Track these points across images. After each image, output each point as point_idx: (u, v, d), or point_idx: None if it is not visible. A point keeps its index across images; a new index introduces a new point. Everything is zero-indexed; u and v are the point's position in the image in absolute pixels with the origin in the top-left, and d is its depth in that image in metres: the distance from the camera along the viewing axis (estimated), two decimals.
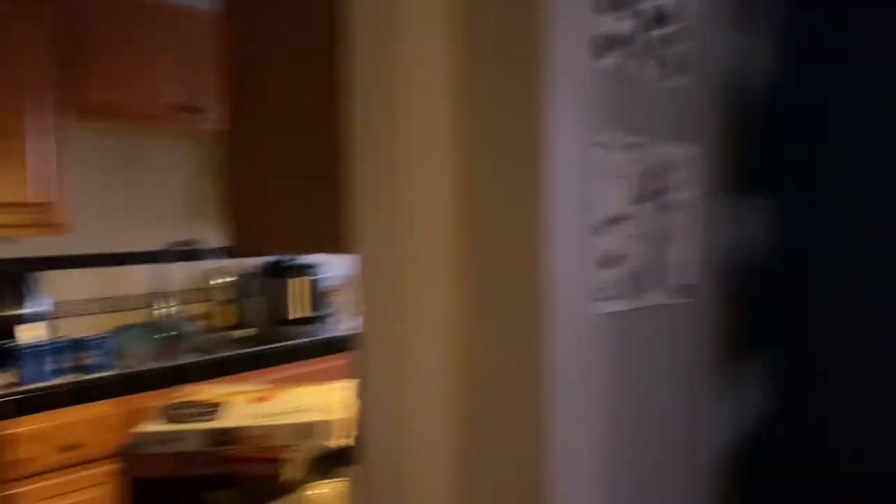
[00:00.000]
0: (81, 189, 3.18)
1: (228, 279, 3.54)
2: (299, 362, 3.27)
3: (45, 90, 2.77)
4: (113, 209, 3.34)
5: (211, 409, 1.74)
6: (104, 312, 3.29)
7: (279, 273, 3.82)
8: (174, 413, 1.68)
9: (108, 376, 2.70)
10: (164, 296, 3.45)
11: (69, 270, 3.18)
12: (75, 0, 2.84)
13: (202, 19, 3.20)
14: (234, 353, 3.18)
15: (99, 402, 2.62)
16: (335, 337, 3.47)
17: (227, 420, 1.62)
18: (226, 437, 1.53)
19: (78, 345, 2.72)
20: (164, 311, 3.43)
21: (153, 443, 1.55)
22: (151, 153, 3.47)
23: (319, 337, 3.47)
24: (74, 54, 2.85)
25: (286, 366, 3.21)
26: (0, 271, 2.80)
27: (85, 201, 3.21)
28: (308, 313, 3.73)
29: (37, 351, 2.57)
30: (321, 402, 1.74)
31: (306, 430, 1.56)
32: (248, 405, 1.72)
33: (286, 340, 3.42)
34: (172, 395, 1.81)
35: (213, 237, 3.65)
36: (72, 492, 2.53)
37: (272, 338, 3.52)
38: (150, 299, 3.44)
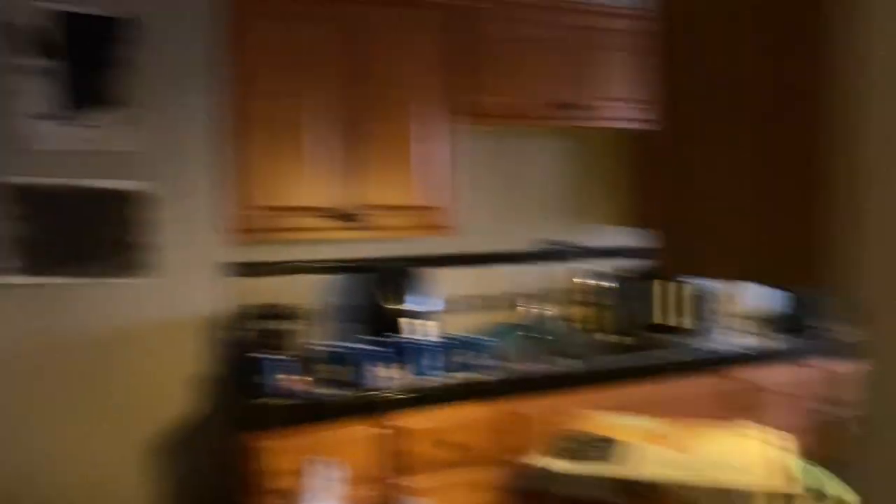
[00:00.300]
0: (466, 190, 3.26)
1: (597, 281, 3.38)
2: (674, 378, 2.98)
3: (434, 95, 2.86)
4: (494, 209, 3.39)
5: (604, 444, 1.56)
6: (481, 311, 3.36)
7: (649, 276, 3.56)
8: (567, 447, 1.54)
9: (489, 377, 2.71)
10: (537, 296, 3.42)
11: (451, 269, 3.29)
12: (464, 5, 2.89)
13: (586, 12, 3.07)
14: (608, 362, 3.02)
15: (481, 402, 2.64)
16: (717, 352, 3.12)
17: (630, 465, 1.42)
18: (637, 489, 1.33)
19: (463, 343, 2.77)
20: (536, 311, 3.40)
21: (550, 480, 1.42)
22: (531, 152, 3.45)
23: (696, 349, 3.15)
24: (465, 58, 2.90)
25: (660, 381, 2.94)
26: (387, 268, 2.96)
27: (469, 202, 3.29)
28: (680, 322, 3.42)
29: (426, 347, 2.67)
30: (738, 455, 1.46)
31: (724, 497, 1.30)
32: (650, 448, 1.51)
33: (655, 348, 3.16)
34: (555, 418, 1.66)
35: (584, 237, 3.53)
36: (450, 490, 2.58)
37: (641, 345, 3.29)
38: (523, 300, 3.43)
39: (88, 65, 2.43)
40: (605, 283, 3.49)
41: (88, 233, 2.45)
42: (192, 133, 2.58)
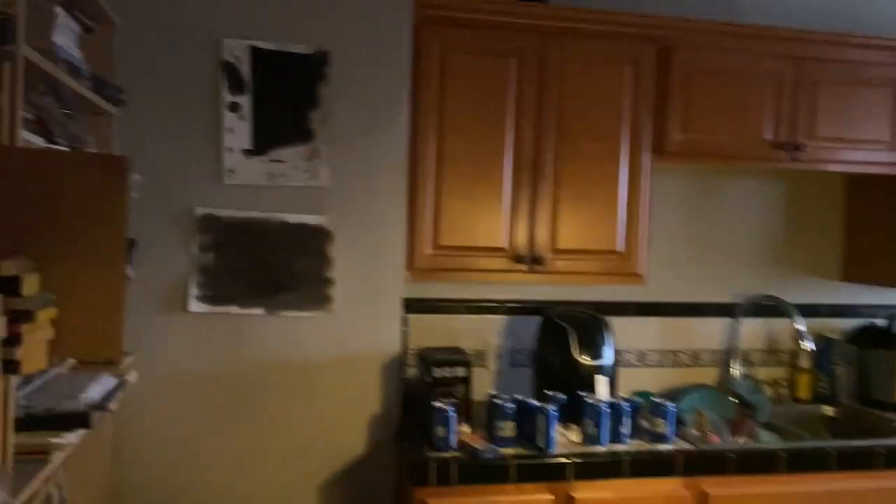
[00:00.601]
0: (657, 234, 3.00)
1: (809, 342, 2.97)
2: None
3: (626, 132, 2.64)
4: (688, 255, 3.09)
5: None
6: (670, 368, 3.07)
7: (872, 341, 3.10)
8: None
9: (675, 448, 2.42)
10: (735, 355, 3.07)
11: (638, 319, 3.03)
12: (659, 35, 2.64)
13: (809, 41, 2.72)
14: (819, 441, 2.62)
15: (664, 477, 2.36)
16: None
17: None
18: None
19: (649, 406, 2.51)
20: (734, 372, 3.05)
21: None
22: (734, 195, 3.12)
23: None
24: (660, 92, 2.66)
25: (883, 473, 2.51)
26: (570, 316, 2.75)
27: (660, 247, 3.02)
28: None
29: (607, 408, 2.43)
30: None
31: None
32: None
33: (886, 432, 2.72)
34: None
35: (794, 291, 3.13)
36: None
37: (865, 424, 2.85)
38: (718, 357, 3.10)
39: (281, 102, 2.45)
40: (818, 345, 3.08)
41: (275, 265, 2.46)
42: (379, 169, 2.53)
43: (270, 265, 2.46)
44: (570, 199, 2.62)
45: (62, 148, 1.73)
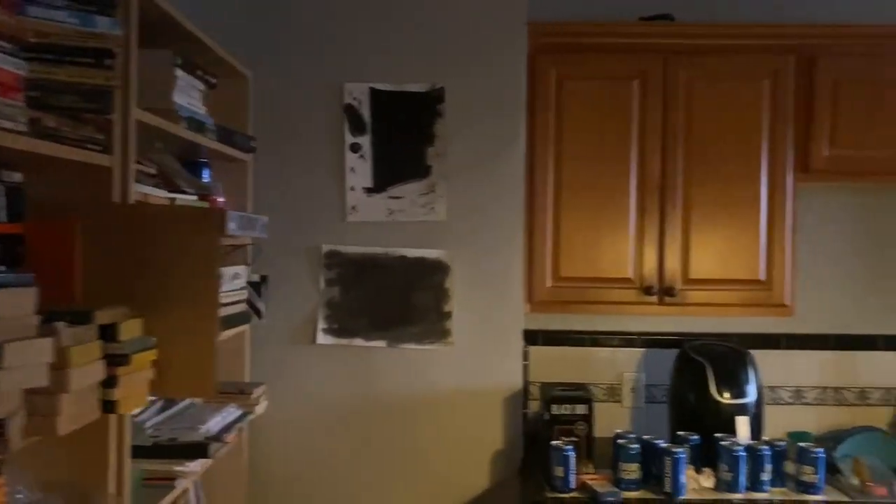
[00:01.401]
0: (805, 260, 2.71)
1: None
2: None
3: (763, 151, 2.44)
4: (842, 282, 2.77)
5: None
6: (827, 407, 2.76)
7: None
8: None
9: (831, 500, 2.17)
10: None
11: (787, 353, 2.75)
12: (797, 45, 2.41)
13: None
14: None
15: None
16: None
17: None
18: None
19: (798, 451, 2.27)
20: None
21: None
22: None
23: None
24: (800, 104, 2.43)
25: None
26: (707, 349, 2.55)
27: (803, 272, 2.73)
28: None
29: (747, 453, 2.24)
30: None
31: None
32: None
33: None
34: None
35: None
36: None
37: None
38: (892, 396, 2.75)
39: (400, 139, 2.51)
40: None
41: (397, 299, 2.52)
42: (496, 201, 2.52)
43: (391, 299, 2.51)
44: (703, 224, 2.46)
45: (182, 197, 1.87)
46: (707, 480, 2.27)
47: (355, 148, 2.52)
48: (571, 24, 2.51)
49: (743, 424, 2.39)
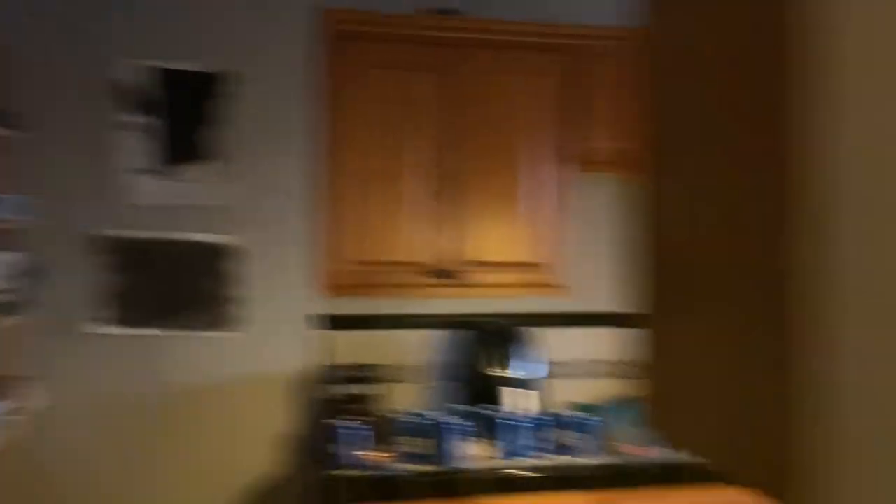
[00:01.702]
0: (577, 242, 2.92)
1: None
2: None
3: (539, 142, 2.61)
4: (609, 264, 3.01)
5: None
6: (592, 379, 3.00)
7: None
8: None
9: (591, 463, 2.39)
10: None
11: (558, 330, 2.96)
12: (579, 47, 2.60)
13: None
14: None
15: (579, 492, 2.32)
16: None
17: None
18: None
19: (564, 421, 2.47)
20: None
21: None
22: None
23: None
24: (574, 101, 2.62)
25: None
26: (485, 328, 2.71)
27: (580, 255, 2.94)
28: None
29: (520, 423, 2.41)
30: None
31: None
32: None
33: None
34: None
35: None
36: None
37: None
38: (642, 370, 3.03)
39: (185, 120, 2.46)
40: None
41: (181, 286, 2.47)
42: (286, 187, 2.53)
43: (177, 286, 2.46)
44: (484, 211, 2.60)
45: None
46: (487, 451, 2.42)
47: (136, 127, 2.43)
48: (365, 14, 2.54)
49: (510, 396, 2.56)
